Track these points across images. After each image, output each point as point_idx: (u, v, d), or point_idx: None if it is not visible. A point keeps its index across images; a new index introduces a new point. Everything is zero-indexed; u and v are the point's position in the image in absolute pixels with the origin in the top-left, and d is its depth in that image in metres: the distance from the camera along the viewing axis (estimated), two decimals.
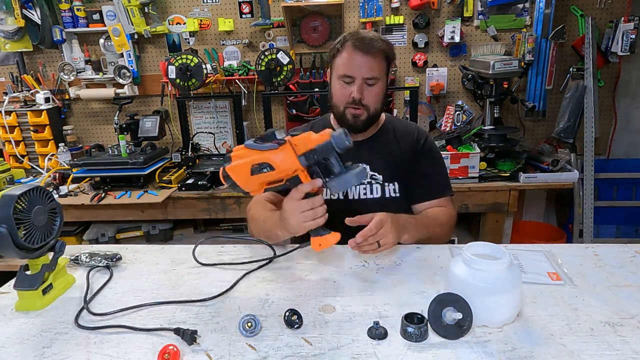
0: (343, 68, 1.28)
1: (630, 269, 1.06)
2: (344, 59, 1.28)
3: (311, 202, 0.99)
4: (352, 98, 1.28)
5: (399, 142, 1.40)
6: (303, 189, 0.98)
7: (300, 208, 1.00)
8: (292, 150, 0.94)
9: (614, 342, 0.80)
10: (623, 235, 2.57)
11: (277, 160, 0.94)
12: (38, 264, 0.98)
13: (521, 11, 2.46)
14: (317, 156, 0.93)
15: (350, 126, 1.33)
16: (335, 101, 1.33)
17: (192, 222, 2.63)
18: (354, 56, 1.26)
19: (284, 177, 0.98)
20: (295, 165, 0.95)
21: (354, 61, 1.26)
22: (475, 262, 0.83)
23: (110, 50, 2.61)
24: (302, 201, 1.00)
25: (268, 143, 0.95)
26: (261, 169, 0.96)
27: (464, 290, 0.83)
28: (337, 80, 1.30)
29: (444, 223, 1.33)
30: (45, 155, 2.63)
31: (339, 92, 1.31)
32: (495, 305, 0.83)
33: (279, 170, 0.95)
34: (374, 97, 1.30)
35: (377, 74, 1.28)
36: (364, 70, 1.26)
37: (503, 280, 0.82)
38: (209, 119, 2.75)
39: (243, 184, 1.01)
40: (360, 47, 1.25)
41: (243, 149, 0.99)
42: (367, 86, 1.28)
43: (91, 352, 0.82)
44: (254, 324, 0.84)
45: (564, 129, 2.42)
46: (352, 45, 1.26)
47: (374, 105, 1.31)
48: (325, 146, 0.92)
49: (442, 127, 2.61)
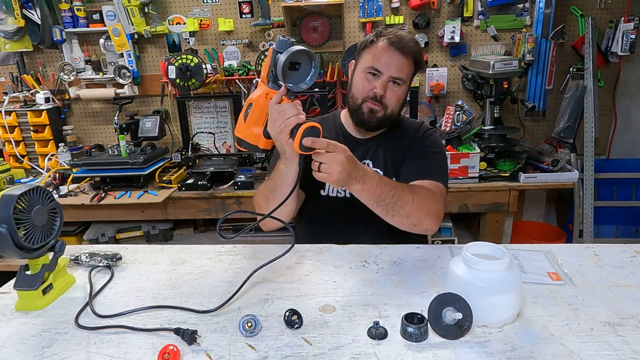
0: (373, 60, 1.25)
1: (630, 269, 1.06)
2: (376, 51, 1.26)
3: (277, 108, 1.00)
4: (374, 93, 1.25)
5: (403, 137, 1.38)
6: (273, 101, 1.01)
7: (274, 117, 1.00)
8: (261, 84, 1.04)
9: (614, 342, 0.80)
10: (623, 235, 2.58)
11: (253, 95, 1.04)
12: (38, 264, 0.98)
13: (521, 11, 2.46)
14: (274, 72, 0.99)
15: (363, 120, 1.30)
16: (355, 92, 1.30)
17: (192, 222, 2.63)
18: (387, 52, 1.24)
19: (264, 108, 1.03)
20: (264, 89, 1.02)
21: (385, 57, 1.24)
22: (475, 262, 0.83)
23: (110, 50, 2.61)
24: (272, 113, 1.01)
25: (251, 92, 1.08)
26: (247, 111, 1.05)
27: (464, 290, 0.83)
28: (362, 72, 1.28)
29: (420, 194, 1.17)
30: (45, 155, 2.63)
31: (361, 84, 1.29)
32: (495, 305, 0.83)
33: (257, 103, 1.03)
34: (396, 99, 1.28)
35: (404, 76, 1.26)
36: (393, 69, 1.24)
37: (503, 280, 0.82)
38: (209, 119, 2.75)
39: (245, 135, 1.07)
40: (397, 44, 1.24)
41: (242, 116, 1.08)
42: (392, 85, 1.27)
43: (91, 352, 0.82)
44: (254, 324, 0.84)
45: (564, 129, 2.42)
46: (389, 41, 1.24)
47: (393, 106, 1.29)
48: (273, 58, 0.97)
49: (442, 127, 2.61)
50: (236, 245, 1.27)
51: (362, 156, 1.36)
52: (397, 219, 1.13)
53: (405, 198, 1.12)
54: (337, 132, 1.41)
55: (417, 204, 1.14)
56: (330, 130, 1.41)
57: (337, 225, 1.37)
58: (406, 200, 1.12)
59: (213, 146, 2.70)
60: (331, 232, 1.35)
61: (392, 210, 1.11)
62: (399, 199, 1.11)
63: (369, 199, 1.10)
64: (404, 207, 1.12)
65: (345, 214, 1.35)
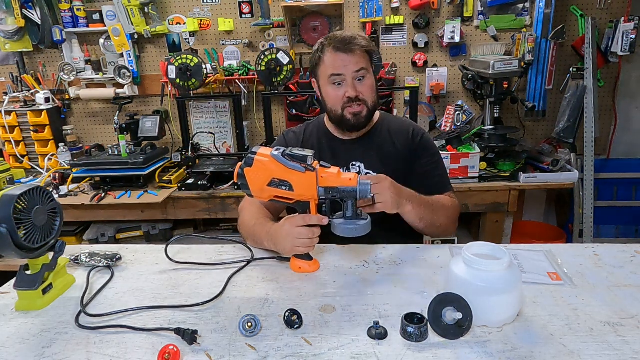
0: (331, 69, 1.28)
1: (630, 269, 1.06)
2: (328, 61, 1.28)
3: (311, 233, 1.03)
4: (348, 97, 1.28)
5: (394, 140, 1.39)
6: (310, 220, 1.02)
7: (299, 235, 1.03)
8: (315, 180, 0.97)
9: (614, 342, 0.80)
10: (623, 235, 2.57)
11: (299, 184, 0.98)
12: (38, 264, 0.98)
13: (521, 11, 2.46)
14: (336, 194, 0.97)
15: (352, 126, 1.33)
16: (331, 105, 1.33)
17: (192, 222, 2.63)
18: (337, 57, 1.27)
19: (297, 199, 1.02)
20: (313, 195, 0.99)
21: (339, 61, 1.27)
22: (475, 262, 0.83)
23: (110, 50, 2.61)
24: (304, 229, 1.03)
25: (296, 163, 0.97)
26: (280, 184, 0.99)
27: (464, 290, 0.83)
28: (328, 84, 1.30)
29: (448, 207, 1.30)
30: (45, 155, 2.63)
31: (332, 95, 1.31)
32: (495, 305, 0.83)
33: (296, 193, 0.99)
34: (369, 90, 1.30)
35: (364, 65, 1.28)
36: (351, 66, 1.26)
37: (503, 280, 0.82)
38: (209, 119, 2.75)
39: (255, 190, 1.03)
40: (341, 48, 1.26)
41: (269, 157, 0.99)
42: (358, 81, 1.29)
43: (91, 352, 0.82)
44: (254, 324, 0.84)
45: (564, 129, 2.42)
46: (333, 48, 1.27)
47: (371, 98, 1.31)
48: (348, 191, 0.96)
49: (442, 127, 2.61)
50: (236, 245, 1.27)
51: (351, 157, 1.38)
52: (431, 229, 1.25)
53: (440, 212, 1.25)
54: (322, 137, 1.43)
55: (447, 216, 1.28)
56: (317, 135, 1.44)
57: None
58: (441, 214, 1.25)
59: (213, 146, 2.70)
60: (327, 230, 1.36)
61: (429, 224, 1.22)
62: (435, 213, 1.23)
63: (415, 217, 1.18)
64: (439, 219, 1.25)
65: None
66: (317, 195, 0.99)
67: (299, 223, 1.04)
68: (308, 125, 1.49)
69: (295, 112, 2.60)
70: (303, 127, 1.48)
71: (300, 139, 1.44)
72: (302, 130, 1.47)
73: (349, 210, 0.99)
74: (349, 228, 1.00)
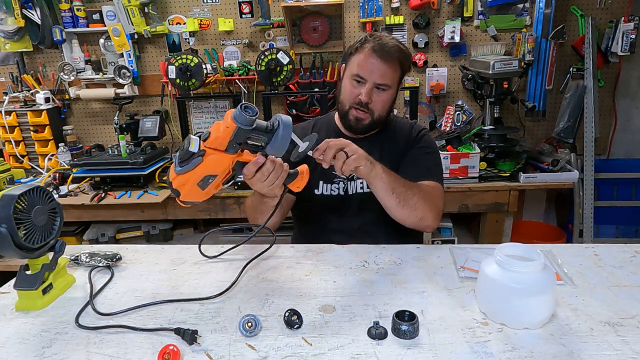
0: (357, 68, 1.28)
1: (630, 269, 1.06)
2: (359, 59, 1.27)
3: (261, 173, 1.00)
4: (360, 100, 1.28)
5: (397, 138, 1.40)
6: (250, 169, 0.99)
7: (259, 181, 1.01)
8: (216, 152, 0.94)
9: (614, 342, 0.80)
10: (623, 235, 2.57)
11: (212, 168, 0.95)
12: (38, 264, 0.98)
13: (521, 11, 2.46)
14: (238, 142, 0.94)
15: (351, 127, 1.34)
16: (343, 98, 1.34)
17: (192, 222, 2.64)
18: (369, 59, 1.26)
19: (228, 171, 0.99)
20: (229, 159, 0.96)
21: (369, 64, 1.26)
22: (510, 263, 0.82)
23: (110, 50, 2.61)
24: (256, 175, 1.00)
25: (192, 160, 0.93)
26: (206, 181, 0.96)
27: (498, 293, 0.82)
28: (349, 78, 1.30)
29: (427, 190, 1.26)
30: (45, 155, 2.63)
31: (348, 90, 1.31)
32: (534, 307, 0.82)
33: (221, 171, 0.97)
34: (381, 104, 1.30)
35: (389, 82, 1.28)
36: (377, 76, 1.26)
37: (540, 282, 0.81)
38: (209, 119, 2.75)
39: (201, 198, 1.01)
40: (379, 52, 1.25)
41: (177, 176, 0.96)
42: (377, 91, 1.28)
43: (91, 352, 0.82)
44: (254, 324, 0.84)
45: (564, 129, 2.42)
46: (371, 48, 1.26)
47: (380, 111, 1.31)
48: (236, 134, 0.92)
49: (442, 127, 2.61)
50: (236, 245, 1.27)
51: None
52: (407, 210, 1.19)
53: (413, 189, 1.20)
54: (330, 133, 1.43)
55: (422, 197, 1.21)
56: (326, 131, 1.44)
57: (332, 222, 1.39)
58: (414, 192, 1.20)
59: None
60: (327, 229, 1.36)
61: (403, 200, 1.17)
62: (408, 188, 1.19)
63: (387, 187, 1.15)
64: (412, 197, 1.19)
65: (339, 211, 1.37)
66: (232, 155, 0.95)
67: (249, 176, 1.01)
68: (317, 121, 1.50)
69: (295, 112, 2.60)
70: (312, 122, 1.49)
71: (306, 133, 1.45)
72: (310, 126, 1.47)
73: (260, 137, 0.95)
74: (276, 145, 0.94)
